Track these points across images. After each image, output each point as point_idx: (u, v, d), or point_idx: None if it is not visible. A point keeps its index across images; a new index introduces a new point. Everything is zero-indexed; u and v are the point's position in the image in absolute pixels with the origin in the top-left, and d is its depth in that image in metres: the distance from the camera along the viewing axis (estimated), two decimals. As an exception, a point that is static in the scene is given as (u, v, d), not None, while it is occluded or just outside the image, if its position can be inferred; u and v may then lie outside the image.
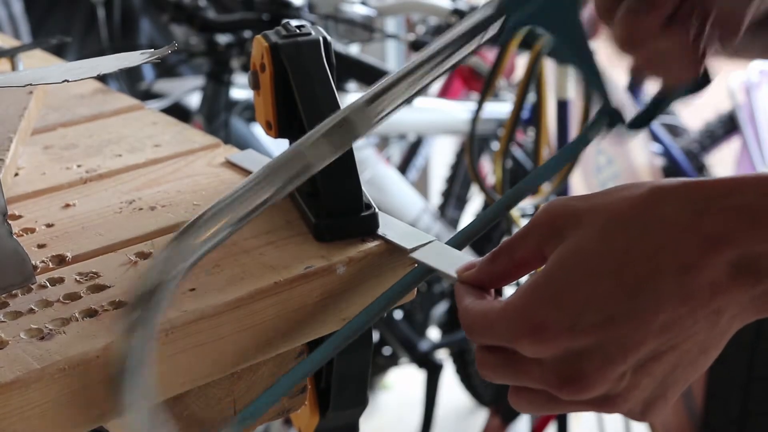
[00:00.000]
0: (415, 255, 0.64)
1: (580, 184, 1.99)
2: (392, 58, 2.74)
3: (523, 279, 0.59)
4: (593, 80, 0.68)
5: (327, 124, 0.60)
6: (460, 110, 2.02)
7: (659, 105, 0.69)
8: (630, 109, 0.67)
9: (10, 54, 0.95)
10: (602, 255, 0.52)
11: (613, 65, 0.71)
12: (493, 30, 0.64)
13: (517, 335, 0.52)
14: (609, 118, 0.68)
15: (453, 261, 0.61)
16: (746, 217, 0.50)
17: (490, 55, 1.89)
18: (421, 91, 0.63)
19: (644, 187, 0.53)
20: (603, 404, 0.53)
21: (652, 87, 0.70)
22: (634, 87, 2.35)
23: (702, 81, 0.67)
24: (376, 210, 0.69)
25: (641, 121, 0.69)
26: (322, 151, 0.59)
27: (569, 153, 0.73)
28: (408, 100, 0.62)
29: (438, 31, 2.08)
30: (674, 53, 0.64)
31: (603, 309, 0.51)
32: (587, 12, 0.67)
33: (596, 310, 0.51)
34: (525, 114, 1.77)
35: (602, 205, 0.53)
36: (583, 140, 0.71)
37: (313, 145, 0.59)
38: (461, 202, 2.37)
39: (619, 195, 0.53)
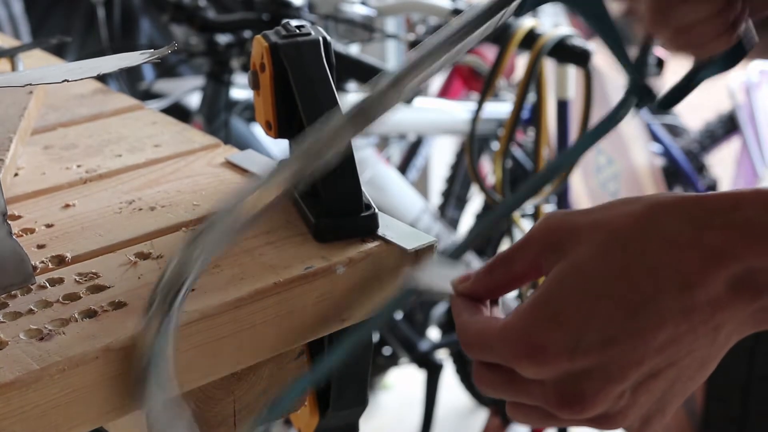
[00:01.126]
0: (414, 281, 0.63)
1: (580, 184, 1.99)
2: (392, 58, 2.73)
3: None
4: (620, 56, 0.66)
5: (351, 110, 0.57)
6: (460, 110, 2.01)
7: (691, 81, 0.68)
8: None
9: (10, 54, 0.95)
10: (602, 273, 0.51)
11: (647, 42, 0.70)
12: (513, 6, 0.62)
13: (517, 356, 0.52)
14: (638, 95, 0.67)
15: (448, 275, 0.60)
16: (746, 232, 0.50)
17: (490, 54, 1.89)
18: (444, 67, 0.60)
19: (643, 202, 0.53)
20: (602, 422, 0.53)
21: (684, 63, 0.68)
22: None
23: (734, 55, 0.65)
24: (376, 210, 0.69)
25: (673, 99, 0.68)
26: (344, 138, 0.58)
27: (599, 132, 0.69)
28: (428, 76, 0.59)
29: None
30: (703, 24, 0.63)
31: (603, 329, 0.50)
32: None
33: (596, 331, 0.50)
34: (525, 114, 1.77)
35: (601, 220, 0.53)
36: (613, 119, 0.68)
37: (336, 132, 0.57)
38: (461, 202, 2.37)
39: (619, 210, 0.53)
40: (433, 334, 2.28)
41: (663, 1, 0.63)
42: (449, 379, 2.30)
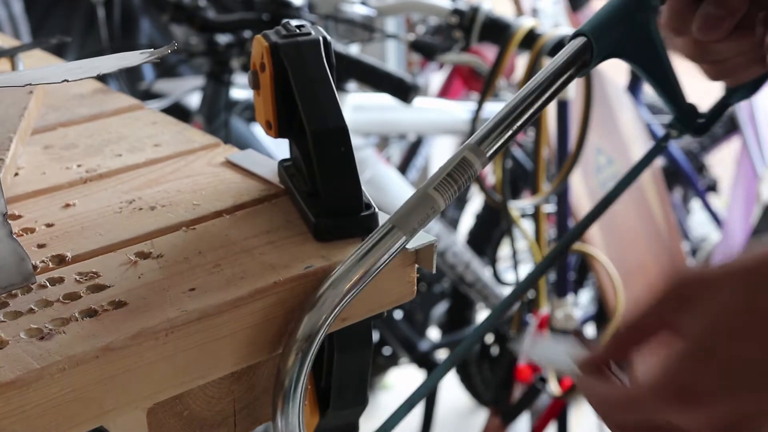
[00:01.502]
0: (529, 353, 0.65)
1: (580, 184, 1.99)
2: (392, 58, 2.73)
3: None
4: (668, 95, 0.73)
5: (449, 164, 0.63)
6: (460, 110, 2.01)
7: (724, 106, 0.76)
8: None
9: (10, 54, 0.95)
10: (747, 314, 0.51)
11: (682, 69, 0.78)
12: (582, 62, 0.68)
13: (668, 402, 0.51)
14: (679, 126, 0.75)
15: (564, 353, 0.61)
16: None
17: (490, 54, 1.89)
18: (521, 129, 0.66)
19: None
20: None
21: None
22: (635, 88, 2.35)
23: (761, 80, 0.73)
24: (376, 210, 0.69)
25: (708, 124, 0.76)
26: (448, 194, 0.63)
27: (645, 163, 0.79)
28: (510, 139, 0.65)
29: (438, 31, 2.08)
30: (738, 57, 0.70)
31: (753, 370, 0.50)
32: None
33: (746, 372, 0.50)
34: (525, 114, 1.76)
35: (736, 267, 0.53)
36: (658, 148, 0.78)
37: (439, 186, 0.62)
38: (461, 202, 2.37)
39: (754, 255, 0.53)
40: (433, 334, 2.29)
41: (709, 38, 0.69)
42: (449, 379, 2.30)
